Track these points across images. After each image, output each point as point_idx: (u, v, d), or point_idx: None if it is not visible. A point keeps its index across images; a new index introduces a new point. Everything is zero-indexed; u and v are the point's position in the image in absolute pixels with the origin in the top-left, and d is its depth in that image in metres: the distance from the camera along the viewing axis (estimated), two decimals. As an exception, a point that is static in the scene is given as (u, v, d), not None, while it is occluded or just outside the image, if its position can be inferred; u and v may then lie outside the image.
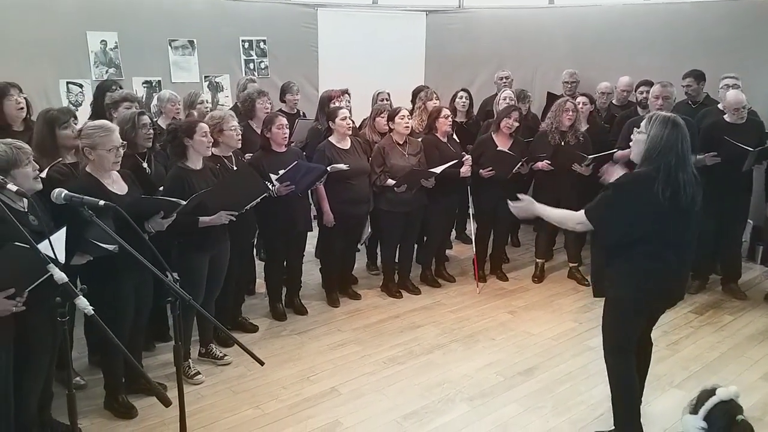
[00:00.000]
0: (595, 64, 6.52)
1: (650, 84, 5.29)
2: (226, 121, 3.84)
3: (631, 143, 2.93)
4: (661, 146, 2.70)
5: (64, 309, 1.82)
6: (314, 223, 4.80)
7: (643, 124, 2.83)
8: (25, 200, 2.63)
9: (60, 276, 1.78)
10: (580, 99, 5.45)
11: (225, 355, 3.92)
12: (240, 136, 3.95)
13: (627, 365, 2.95)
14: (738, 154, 4.58)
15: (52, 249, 2.03)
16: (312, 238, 4.97)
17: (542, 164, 4.99)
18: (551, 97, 6.16)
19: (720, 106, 5.08)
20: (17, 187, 1.90)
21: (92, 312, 1.75)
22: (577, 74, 6.34)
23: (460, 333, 4.41)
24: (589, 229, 2.87)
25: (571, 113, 4.98)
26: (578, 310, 4.81)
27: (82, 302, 1.75)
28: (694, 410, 2.20)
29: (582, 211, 2.84)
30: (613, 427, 3.05)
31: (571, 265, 5.41)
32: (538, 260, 5.46)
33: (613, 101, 6.10)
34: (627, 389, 2.97)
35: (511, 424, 3.31)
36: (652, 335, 3.16)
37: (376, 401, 3.52)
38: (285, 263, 4.63)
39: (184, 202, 3.24)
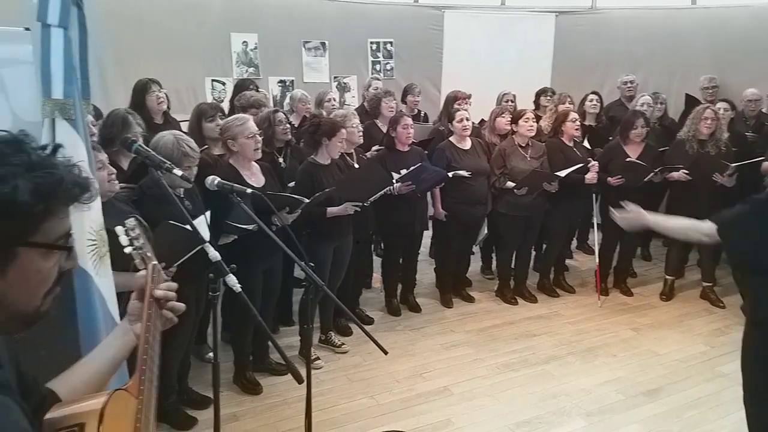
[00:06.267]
0: (740, 69, 6.02)
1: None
2: (349, 119, 4.04)
3: None
4: None
5: (215, 285, 1.98)
6: (430, 223, 4.84)
7: None
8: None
9: (214, 254, 1.94)
10: (721, 105, 5.06)
11: (343, 344, 4.06)
12: (361, 133, 4.15)
13: None
14: None
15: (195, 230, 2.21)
16: (427, 238, 5.01)
17: (679, 174, 4.67)
18: (690, 100, 5.76)
19: None
20: (182, 172, 2.10)
21: (240, 289, 1.89)
22: (716, 80, 5.90)
23: (578, 346, 4.25)
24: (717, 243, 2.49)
25: (710, 122, 4.62)
26: (711, 333, 4.46)
27: (232, 280, 1.89)
28: None
29: (711, 223, 2.46)
30: None
31: (704, 284, 5.01)
32: (667, 276, 5.11)
33: (763, 109, 5.61)
34: None
35: (632, 445, 3.15)
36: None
37: (489, 405, 3.49)
38: (401, 260, 4.71)
39: (307, 200, 3.42)
